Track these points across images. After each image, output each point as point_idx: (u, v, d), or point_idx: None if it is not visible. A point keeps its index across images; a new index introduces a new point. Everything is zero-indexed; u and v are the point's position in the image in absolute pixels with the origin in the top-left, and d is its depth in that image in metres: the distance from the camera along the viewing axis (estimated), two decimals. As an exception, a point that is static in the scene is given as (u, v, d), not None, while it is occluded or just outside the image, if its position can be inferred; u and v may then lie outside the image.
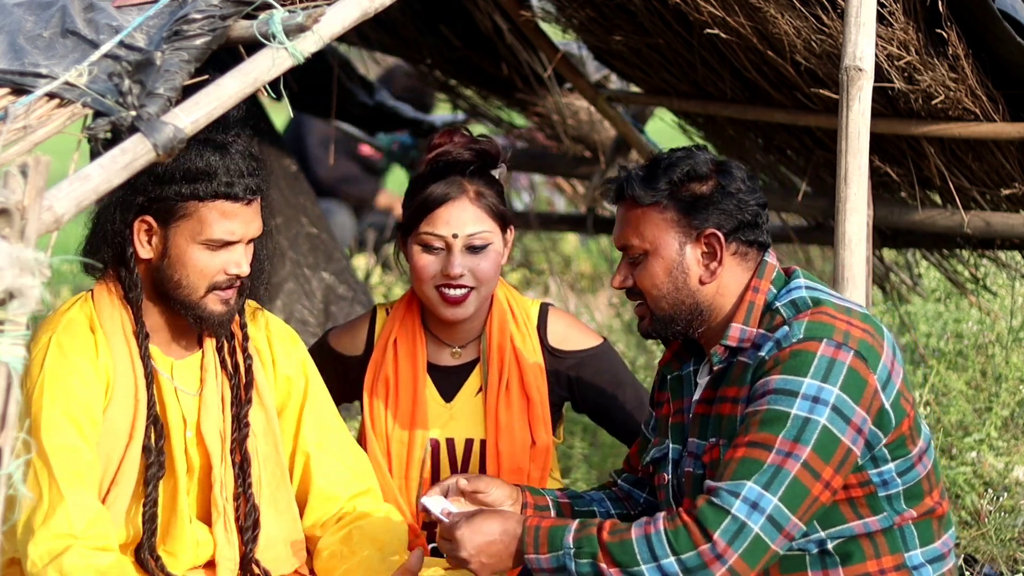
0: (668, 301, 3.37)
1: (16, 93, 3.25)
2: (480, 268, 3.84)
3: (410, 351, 3.95)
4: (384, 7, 3.41)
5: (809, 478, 3.15)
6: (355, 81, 7.37)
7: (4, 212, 2.73)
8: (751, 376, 3.27)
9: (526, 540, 3.24)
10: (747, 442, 3.18)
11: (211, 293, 3.47)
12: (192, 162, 3.42)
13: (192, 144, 3.37)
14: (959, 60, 4.59)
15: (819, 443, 3.15)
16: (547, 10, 5.64)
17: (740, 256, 3.38)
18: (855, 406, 3.19)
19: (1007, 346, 6.09)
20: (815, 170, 5.51)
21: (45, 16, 3.44)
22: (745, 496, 3.12)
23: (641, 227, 3.38)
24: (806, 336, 3.22)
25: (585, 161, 6.77)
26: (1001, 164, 5.05)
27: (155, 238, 3.46)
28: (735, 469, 3.16)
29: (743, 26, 4.64)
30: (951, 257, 6.01)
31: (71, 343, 3.43)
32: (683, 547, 3.12)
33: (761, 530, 3.12)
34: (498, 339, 3.94)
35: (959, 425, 5.71)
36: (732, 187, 3.36)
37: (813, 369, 3.18)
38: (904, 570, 3.32)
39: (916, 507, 3.32)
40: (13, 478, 2.73)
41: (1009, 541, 5.00)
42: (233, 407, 3.57)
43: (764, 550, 3.13)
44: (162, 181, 3.42)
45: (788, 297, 3.33)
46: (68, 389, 3.39)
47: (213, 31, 3.25)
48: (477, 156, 3.88)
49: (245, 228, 3.48)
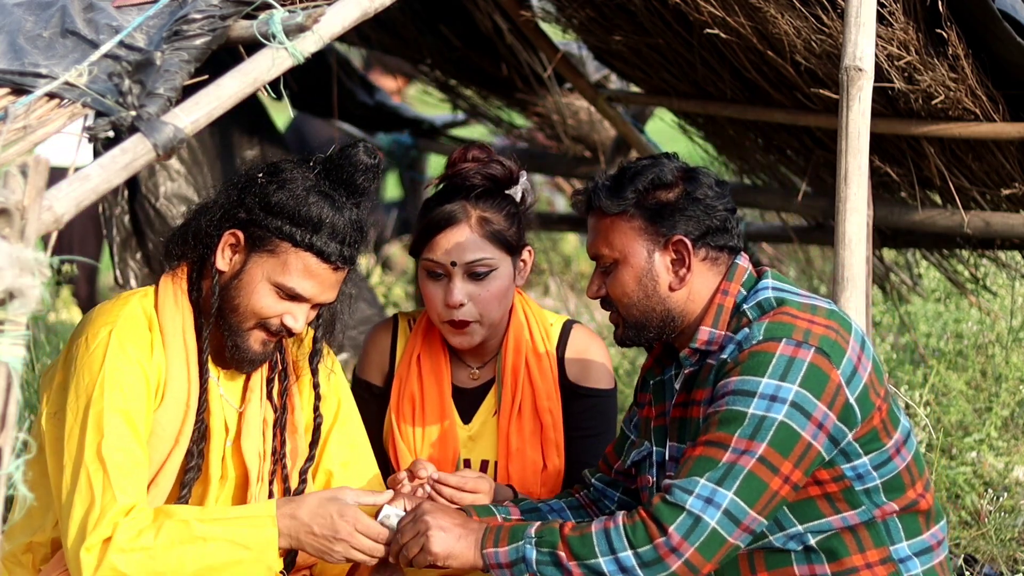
0: (639, 309, 3.40)
1: (16, 93, 3.25)
2: (482, 296, 3.77)
3: (435, 370, 3.90)
4: (384, 7, 3.41)
5: (766, 472, 3.17)
6: (355, 81, 7.37)
7: (4, 212, 2.73)
8: (713, 378, 3.30)
9: (486, 537, 3.27)
10: (704, 441, 3.21)
11: (257, 330, 3.44)
12: (306, 207, 3.39)
13: (314, 191, 3.38)
14: (959, 60, 4.59)
15: (776, 439, 3.17)
16: (547, 10, 5.64)
17: (710, 261, 3.40)
18: (816, 401, 3.20)
19: (1007, 346, 6.09)
20: (815, 170, 5.51)
21: (45, 16, 3.44)
22: (699, 493, 3.15)
23: (610, 236, 3.40)
24: (765, 337, 3.24)
25: (585, 161, 6.78)
26: (1001, 164, 5.05)
27: (237, 256, 3.44)
28: (690, 467, 3.19)
29: (743, 26, 4.65)
30: (951, 257, 6.01)
31: (130, 339, 3.39)
32: (640, 541, 3.15)
33: (717, 524, 3.14)
34: (512, 360, 3.88)
35: (959, 425, 5.71)
36: (698, 193, 3.37)
37: (771, 368, 3.20)
38: (890, 563, 3.33)
39: (897, 500, 3.33)
40: (13, 478, 2.73)
41: (1009, 541, 5.00)
42: (274, 438, 3.56)
43: (720, 543, 3.15)
44: (271, 210, 3.40)
45: (755, 299, 3.35)
46: (127, 387, 3.35)
47: (213, 31, 3.25)
48: (486, 180, 3.79)
49: (320, 291, 3.45)
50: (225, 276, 3.44)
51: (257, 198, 3.40)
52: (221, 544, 3.29)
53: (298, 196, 3.38)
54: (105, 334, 3.38)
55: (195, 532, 3.28)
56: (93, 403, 3.32)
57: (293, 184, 3.41)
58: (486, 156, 3.84)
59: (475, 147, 3.87)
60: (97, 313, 3.44)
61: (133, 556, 3.24)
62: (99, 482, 3.27)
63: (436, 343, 3.92)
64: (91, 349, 3.36)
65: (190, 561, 3.27)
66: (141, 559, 3.24)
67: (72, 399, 3.33)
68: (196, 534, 3.28)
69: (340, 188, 3.44)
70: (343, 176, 3.45)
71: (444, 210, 3.77)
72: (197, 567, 3.27)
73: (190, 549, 3.27)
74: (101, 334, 3.38)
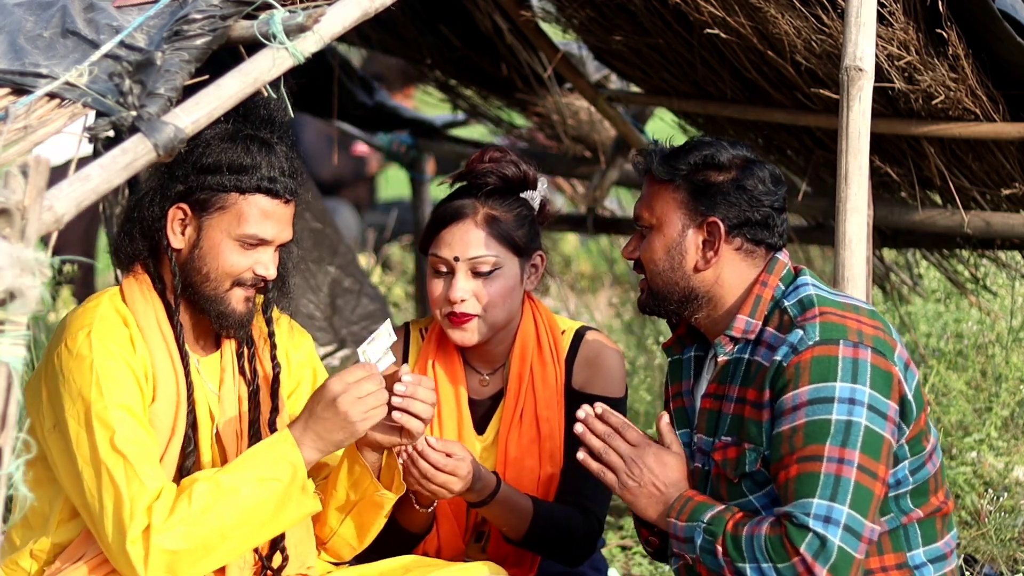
0: (662, 279, 3.40)
1: (16, 93, 3.25)
2: (484, 294, 3.74)
3: (451, 376, 3.87)
4: (384, 7, 3.41)
5: (868, 479, 3.17)
6: (355, 81, 7.37)
7: (4, 212, 2.73)
8: (771, 382, 3.27)
9: (675, 505, 3.32)
10: (797, 458, 3.20)
11: (234, 288, 3.45)
12: (238, 155, 3.40)
13: (238, 138, 3.39)
14: (959, 60, 4.59)
15: (865, 443, 3.17)
16: (547, 10, 5.64)
17: (744, 253, 3.39)
18: (886, 400, 3.21)
19: (1007, 346, 6.09)
20: (815, 170, 5.51)
21: (45, 16, 3.44)
22: (815, 513, 3.14)
23: (653, 201, 3.42)
24: (822, 339, 3.23)
25: (585, 161, 6.77)
26: (1001, 164, 5.05)
27: (188, 228, 3.44)
28: (795, 489, 3.18)
29: (743, 26, 4.64)
30: (951, 257, 6.01)
31: (111, 338, 3.39)
32: (779, 557, 3.16)
33: (842, 542, 3.14)
34: (517, 368, 3.84)
35: (959, 425, 5.71)
36: (748, 183, 3.37)
37: (840, 372, 3.20)
38: (905, 569, 3.33)
39: (922, 506, 3.34)
40: (13, 478, 2.73)
41: (1009, 541, 5.00)
42: (250, 411, 3.57)
43: (850, 562, 3.15)
44: (205, 170, 3.40)
45: (795, 296, 3.34)
46: (121, 382, 3.36)
47: (213, 31, 3.25)
48: (499, 179, 3.77)
49: (279, 230, 3.47)
50: (183, 253, 3.45)
51: (188, 167, 3.39)
52: (252, 486, 3.31)
53: (226, 148, 3.38)
54: (84, 337, 3.37)
55: (224, 486, 3.30)
56: (93, 403, 3.32)
57: (216, 140, 3.41)
58: (503, 157, 3.82)
59: (493, 148, 3.86)
60: (70, 320, 3.44)
61: (176, 530, 3.25)
62: (121, 474, 3.28)
63: (450, 350, 3.88)
64: (75, 354, 3.36)
65: (229, 515, 3.29)
66: (185, 530, 3.26)
67: (69, 406, 3.33)
68: (226, 487, 3.30)
69: (261, 127, 3.44)
70: (260, 114, 3.46)
71: (452, 206, 3.77)
72: (238, 517, 3.29)
73: (226, 503, 3.29)
74: (80, 338, 3.37)
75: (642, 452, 3.39)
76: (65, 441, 3.34)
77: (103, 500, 3.28)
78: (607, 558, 5.27)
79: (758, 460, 3.29)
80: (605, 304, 8.66)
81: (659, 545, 3.53)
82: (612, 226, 6.76)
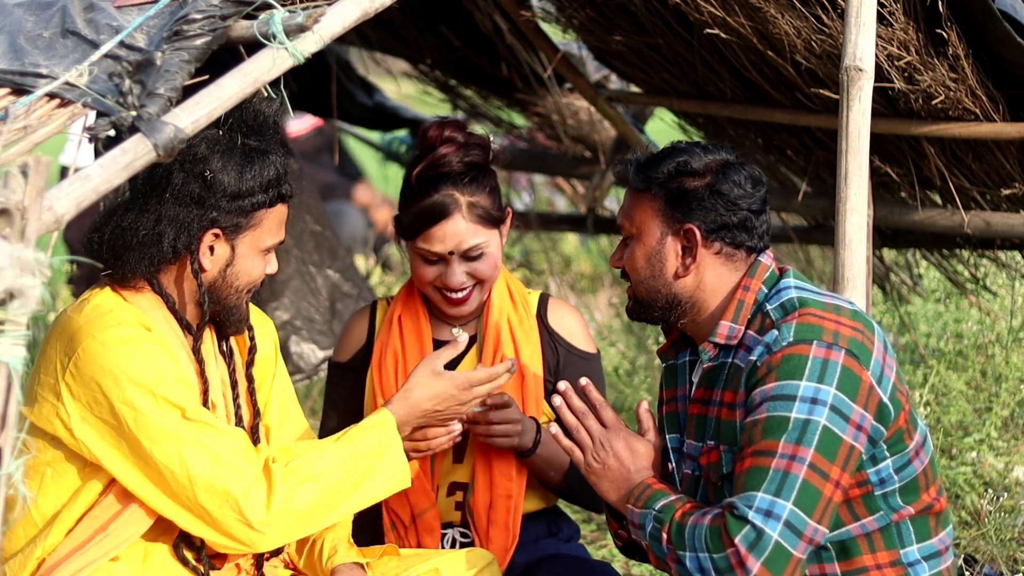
0: (645, 287, 3.43)
1: (16, 93, 3.25)
2: (479, 270, 3.87)
3: (415, 326, 3.97)
4: (384, 7, 3.41)
5: (818, 479, 3.16)
6: (355, 81, 7.37)
7: (4, 212, 2.73)
8: (745, 381, 3.29)
9: (635, 491, 3.36)
10: (752, 452, 3.20)
11: (249, 292, 3.55)
12: (267, 171, 3.46)
13: (250, 152, 3.44)
14: (959, 60, 4.59)
15: (821, 443, 3.16)
16: (547, 10, 5.64)
17: (725, 257, 3.40)
18: (852, 404, 3.20)
19: (1007, 346, 6.10)
20: (815, 170, 5.51)
21: (45, 16, 3.44)
22: (758, 506, 3.14)
23: (632, 211, 3.45)
24: (796, 339, 3.24)
25: (585, 161, 6.78)
26: (1001, 164, 5.05)
27: (218, 250, 3.47)
28: (744, 481, 3.19)
29: (743, 26, 4.65)
30: (951, 257, 6.01)
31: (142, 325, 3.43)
32: (715, 547, 3.17)
33: (780, 537, 3.13)
34: (496, 317, 3.95)
35: (959, 425, 5.72)
36: (723, 187, 3.37)
37: (807, 371, 3.20)
38: (900, 566, 3.33)
39: (914, 503, 3.33)
40: (13, 478, 2.73)
41: (1009, 541, 5.00)
42: (232, 389, 3.61)
43: (787, 558, 3.14)
44: (239, 196, 3.44)
45: (777, 299, 3.34)
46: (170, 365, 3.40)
47: (213, 31, 3.25)
48: (468, 168, 3.85)
49: (285, 231, 3.57)
50: (211, 273, 3.49)
51: (218, 194, 3.42)
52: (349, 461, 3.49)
53: (246, 167, 3.43)
54: (116, 327, 3.38)
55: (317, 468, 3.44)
56: (153, 385, 3.34)
57: (230, 160, 3.44)
58: (463, 138, 3.88)
59: (449, 125, 3.90)
60: (86, 319, 3.42)
61: (291, 481, 3.39)
62: (210, 437, 3.35)
63: (416, 305, 3.99)
64: (114, 342, 3.36)
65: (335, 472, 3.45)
66: (304, 485, 3.41)
67: (119, 392, 3.34)
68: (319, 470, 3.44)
69: (261, 136, 3.48)
70: (258, 122, 3.49)
71: (435, 202, 3.82)
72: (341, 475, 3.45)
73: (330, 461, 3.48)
74: (113, 329, 3.38)
75: (612, 436, 3.44)
76: (111, 427, 3.35)
77: (191, 471, 3.33)
78: (607, 558, 5.28)
79: (733, 460, 3.30)
80: (605, 304, 8.67)
81: (628, 539, 3.54)
82: (612, 226, 6.76)
